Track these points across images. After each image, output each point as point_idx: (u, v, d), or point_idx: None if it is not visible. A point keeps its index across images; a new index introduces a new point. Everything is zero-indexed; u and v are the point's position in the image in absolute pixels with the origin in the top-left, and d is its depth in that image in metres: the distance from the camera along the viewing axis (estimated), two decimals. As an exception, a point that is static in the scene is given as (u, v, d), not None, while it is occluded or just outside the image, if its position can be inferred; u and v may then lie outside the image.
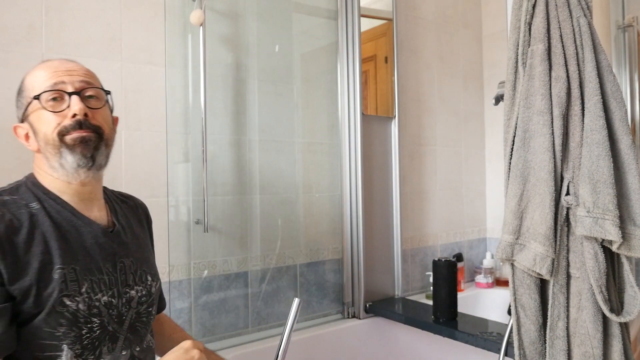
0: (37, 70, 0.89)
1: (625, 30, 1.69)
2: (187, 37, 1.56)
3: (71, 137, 0.85)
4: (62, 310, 0.80)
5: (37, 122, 0.86)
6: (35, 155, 0.89)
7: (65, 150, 0.85)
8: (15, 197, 0.84)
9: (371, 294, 1.88)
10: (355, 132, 1.86)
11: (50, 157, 0.86)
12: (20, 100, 0.89)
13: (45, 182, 0.88)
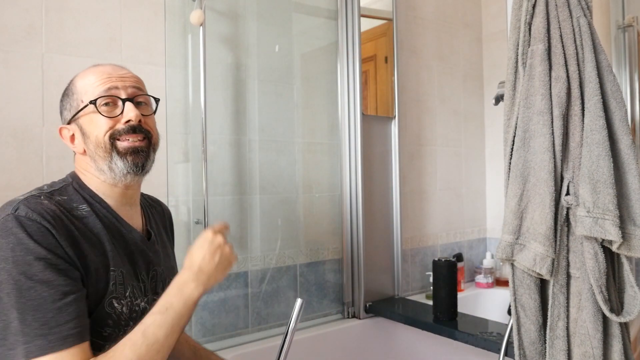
0: (89, 75, 0.89)
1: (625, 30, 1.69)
2: (187, 37, 1.56)
3: (123, 146, 0.86)
4: (111, 312, 0.81)
5: (89, 125, 0.87)
6: (79, 157, 0.90)
7: (115, 156, 0.86)
8: (65, 198, 0.84)
9: (371, 294, 1.88)
10: (355, 132, 1.86)
11: (100, 160, 0.87)
12: (70, 102, 0.89)
13: (91, 184, 0.89)
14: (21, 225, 0.74)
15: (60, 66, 1.34)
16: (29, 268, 0.72)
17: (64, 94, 0.91)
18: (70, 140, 0.90)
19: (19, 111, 1.29)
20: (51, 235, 0.75)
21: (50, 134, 1.32)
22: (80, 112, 0.87)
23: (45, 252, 0.73)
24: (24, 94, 1.29)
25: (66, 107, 0.90)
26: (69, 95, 0.89)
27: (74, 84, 0.90)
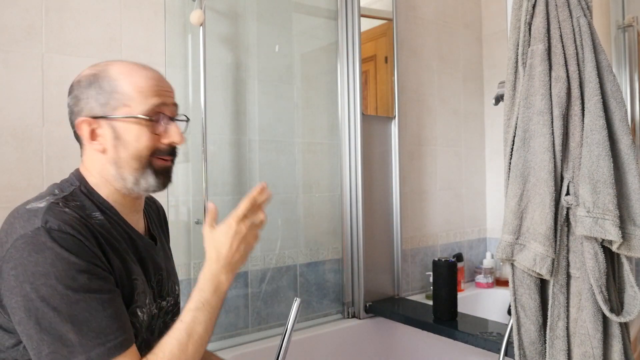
0: (136, 76, 0.83)
1: (625, 30, 1.69)
2: (187, 37, 1.56)
3: (159, 165, 0.85)
4: (134, 321, 0.81)
5: (129, 134, 0.82)
6: (96, 156, 0.84)
7: (149, 172, 0.84)
8: (78, 204, 0.80)
9: (371, 294, 1.88)
10: (355, 132, 1.86)
11: (129, 170, 0.83)
12: (104, 96, 0.81)
13: (101, 189, 0.85)
14: (55, 239, 0.72)
15: (60, 66, 1.34)
16: (74, 282, 0.71)
17: (93, 82, 0.82)
18: (90, 136, 0.82)
19: (19, 111, 1.29)
20: (85, 246, 0.74)
21: (50, 134, 1.32)
22: (118, 113, 0.81)
23: (85, 264, 0.73)
24: (24, 94, 1.29)
25: (96, 98, 0.81)
26: (103, 87, 0.82)
27: (115, 80, 0.82)
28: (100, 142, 0.83)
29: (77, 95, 0.83)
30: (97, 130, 0.82)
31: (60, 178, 1.32)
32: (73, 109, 0.84)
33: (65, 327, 0.70)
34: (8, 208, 1.25)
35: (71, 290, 0.71)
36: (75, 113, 0.83)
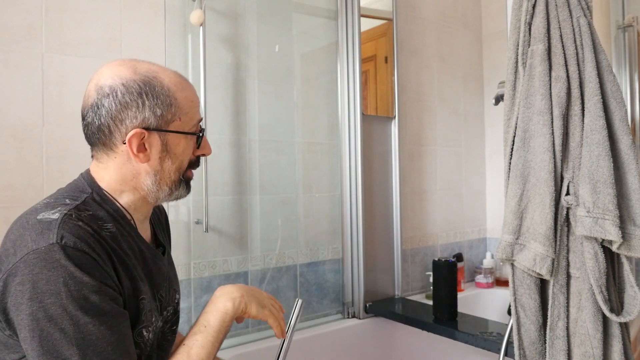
0: (187, 91, 0.82)
1: (625, 30, 1.69)
2: (187, 37, 1.56)
3: (188, 177, 0.86)
4: (139, 341, 0.79)
5: (177, 146, 0.81)
6: (132, 164, 0.80)
7: (182, 183, 0.85)
8: (90, 214, 0.76)
9: (371, 294, 1.88)
10: (355, 132, 1.86)
11: (167, 181, 0.82)
12: (164, 110, 0.79)
13: (121, 196, 0.82)
14: (70, 257, 0.69)
15: (60, 66, 1.34)
16: (85, 303, 0.69)
17: (146, 90, 0.77)
18: (140, 148, 0.78)
19: (19, 111, 1.29)
20: (99, 266, 0.72)
21: (50, 134, 1.32)
22: (172, 127, 0.80)
23: (98, 285, 0.70)
24: (24, 94, 1.29)
25: (152, 109, 0.78)
26: (160, 97, 0.78)
27: (170, 91, 0.80)
28: (147, 155, 0.79)
29: (125, 102, 0.77)
30: (146, 141, 0.79)
31: (60, 178, 1.32)
32: (115, 113, 0.77)
33: (70, 351, 0.67)
34: (8, 208, 1.26)
35: (81, 312, 0.68)
36: (118, 119, 0.77)
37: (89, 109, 0.78)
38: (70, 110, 1.36)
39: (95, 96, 0.78)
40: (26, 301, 0.67)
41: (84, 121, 0.80)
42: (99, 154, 0.81)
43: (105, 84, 0.77)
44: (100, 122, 0.78)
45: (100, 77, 0.79)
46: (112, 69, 0.79)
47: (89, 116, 0.79)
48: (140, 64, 0.80)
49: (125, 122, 0.77)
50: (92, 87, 0.79)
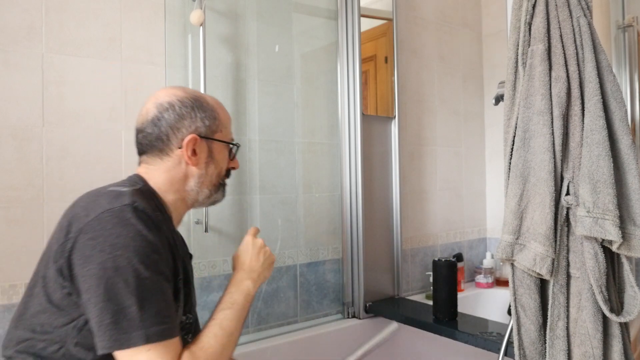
0: (224, 110, 1.00)
1: (625, 30, 1.69)
2: (187, 37, 1.56)
3: (224, 185, 1.03)
4: (181, 324, 0.89)
5: (219, 154, 0.98)
6: (182, 167, 0.94)
7: (221, 189, 1.01)
8: (145, 201, 0.85)
9: (371, 294, 1.88)
10: (355, 132, 1.86)
11: (208, 185, 0.97)
12: (209, 120, 0.95)
13: (166, 195, 0.93)
14: (139, 217, 0.79)
15: (60, 66, 1.34)
16: (147, 259, 0.77)
17: (197, 106, 0.94)
18: (192, 151, 0.93)
19: (19, 111, 1.29)
20: (160, 231, 0.82)
21: (50, 134, 1.32)
22: (217, 137, 0.97)
23: (160, 246, 0.80)
24: (24, 94, 1.29)
25: (202, 120, 0.94)
26: (207, 112, 0.95)
27: (214, 108, 0.97)
28: (196, 158, 0.94)
29: (182, 114, 0.93)
30: (197, 146, 0.94)
31: (60, 178, 1.32)
32: (175, 122, 0.92)
33: (130, 300, 0.74)
34: (8, 208, 1.26)
35: (144, 267, 0.76)
36: (175, 128, 0.92)
37: (149, 122, 0.93)
38: (70, 110, 1.36)
39: (155, 111, 0.93)
40: (97, 253, 0.75)
41: (142, 133, 0.94)
42: (151, 158, 0.94)
43: (164, 101, 0.93)
44: (159, 132, 0.92)
45: (157, 96, 0.95)
46: (166, 91, 0.96)
47: (148, 128, 0.93)
48: (187, 88, 0.99)
49: (181, 130, 0.93)
50: (151, 105, 0.94)
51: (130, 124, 1.44)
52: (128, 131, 1.44)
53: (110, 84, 1.42)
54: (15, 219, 1.27)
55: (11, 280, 1.26)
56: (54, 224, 1.31)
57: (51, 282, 0.79)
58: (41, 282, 0.80)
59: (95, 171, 1.38)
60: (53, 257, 0.79)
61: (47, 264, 0.81)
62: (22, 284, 1.27)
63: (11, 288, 1.26)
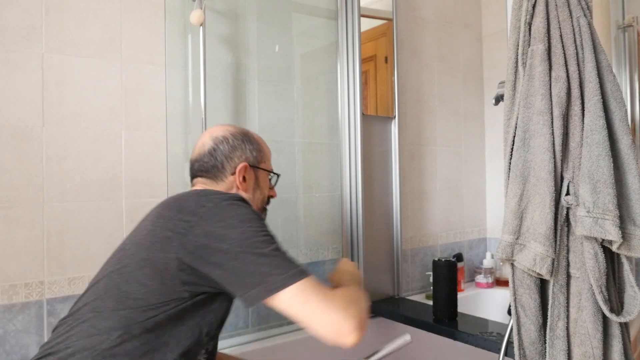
0: (266, 146, 1.18)
1: (625, 30, 1.69)
2: (187, 37, 1.56)
3: (266, 209, 1.18)
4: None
5: (263, 181, 1.14)
6: (233, 190, 1.09)
7: (264, 212, 1.16)
8: None
9: (371, 294, 1.88)
10: (355, 132, 1.86)
11: (255, 207, 1.10)
12: (255, 152, 1.13)
13: None
14: (248, 205, 0.96)
15: (60, 66, 1.34)
16: (267, 229, 0.93)
17: (246, 139, 1.13)
18: (242, 177, 1.09)
19: (19, 111, 1.29)
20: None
21: (50, 134, 1.32)
22: (262, 167, 1.14)
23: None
24: (24, 94, 1.29)
25: (251, 151, 1.12)
26: (254, 144, 1.14)
27: (259, 142, 1.15)
28: (246, 183, 1.10)
29: (234, 145, 1.11)
30: (246, 174, 1.10)
31: (60, 178, 1.32)
32: (229, 152, 1.10)
33: (275, 251, 0.89)
34: (8, 208, 1.26)
35: (268, 231, 0.92)
36: (229, 157, 1.09)
37: (206, 153, 1.10)
38: (70, 110, 1.36)
39: (212, 143, 1.10)
40: (231, 229, 0.88)
41: (198, 162, 1.10)
42: (207, 181, 1.10)
43: (219, 135, 1.11)
44: (216, 161, 1.09)
45: (212, 132, 1.13)
46: (220, 127, 1.14)
47: (205, 158, 1.09)
48: (235, 125, 1.18)
49: (234, 160, 1.10)
50: (207, 139, 1.12)
51: (131, 123, 1.44)
52: (128, 131, 1.44)
53: (110, 84, 1.42)
54: (15, 219, 1.27)
55: (11, 280, 1.26)
56: (54, 224, 1.31)
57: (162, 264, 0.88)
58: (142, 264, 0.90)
59: (95, 171, 1.38)
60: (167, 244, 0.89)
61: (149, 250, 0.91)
62: (22, 284, 1.27)
63: (11, 288, 1.26)
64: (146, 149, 1.47)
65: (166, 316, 0.87)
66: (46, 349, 0.89)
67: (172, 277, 0.87)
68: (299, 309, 0.87)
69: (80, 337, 0.86)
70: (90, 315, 0.88)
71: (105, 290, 0.91)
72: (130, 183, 1.44)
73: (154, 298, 0.87)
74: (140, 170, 1.45)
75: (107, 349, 0.84)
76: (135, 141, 1.45)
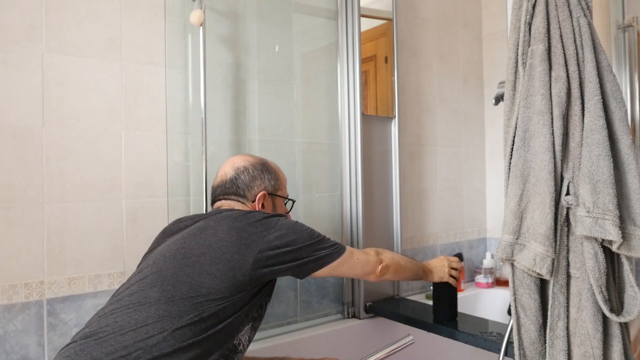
0: (282, 174, 1.33)
1: (625, 30, 1.69)
2: (187, 37, 1.56)
3: None
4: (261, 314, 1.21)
5: (279, 207, 1.31)
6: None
7: None
8: None
9: (371, 294, 1.88)
10: (355, 132, 1.86)
11: None
12: (272, 180, 1.28)
13: None
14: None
15: (60, 66, 1.34)
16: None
17: (265, 169, 1.28)
18: (262, 204, 1.25)
19: (19, 111, 1.29)
20: None
21: (50, 134, 1.32)
22: (280, 197, 1.31)
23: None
24: (24, 94, 1.29)
25: (269, 180, 1.27)
26: (272, 174, 1.28)
27: (276, 172, 1.30)
28: (263, 205, 1.26)
29: (254, 175, 1.25)
30: (265, 201, 1.26)
31: (60, 178, 1.32)
32: (249, 182, 1.25)
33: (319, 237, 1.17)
34: (8, 208, 1.26)
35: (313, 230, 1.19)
36: (250, 186, 1.25)
37: (228, 181, 1.25)
38: (70, 110, 1.36)
39: (233, 173, 1.25)
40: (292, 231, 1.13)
41: (221, 188, 1.26)
42: (233, 203, 1.25)
43: (240, 165, 1.26)
44: (237, 188, 1.24)
45: (234, 162, 1.28)
46: (240, 157, 1.29)
47: (227, 184, 1.25)
48: (254, 155, 1.33)
49: (254, 189, 1.25)
50: (229, 168, 1.26)
51: (131, 123, 1.44)
52: (128, 131, 1.44)
53: (110, 84, 1.42)
54: (15, 219, 1.27)
55: (11, 280, 1.26)
56: (54, 224, 1.32)
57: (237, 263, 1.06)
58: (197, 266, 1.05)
59: (95, 171, 1.39)
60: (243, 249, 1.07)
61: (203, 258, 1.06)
62: (22, 284, 1.27)
63: (11, 288, 1.26)
64: (146, 149, 1.47)
65: (230, 303, 1.03)
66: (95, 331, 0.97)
67: (243, 274, 1.05)
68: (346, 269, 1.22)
69: (149, 317, 0.97)
70: (158, 298, 1.00)
71: (175, 278, 1.03)
72: (130, 183, 1.44)
73: (225, 290, 1.03)
74: (140, 170, 1.45)
75: (177, 329, 0.96)
76: (135, 141, 1.45)
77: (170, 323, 0.96)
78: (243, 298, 1.06)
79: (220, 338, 1.02)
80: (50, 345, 1.31)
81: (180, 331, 0.96)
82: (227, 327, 1.03)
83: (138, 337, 0.94)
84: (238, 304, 1.05)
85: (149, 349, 0.93)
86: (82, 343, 0.95)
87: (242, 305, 1.06)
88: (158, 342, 0.94)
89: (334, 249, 1.17)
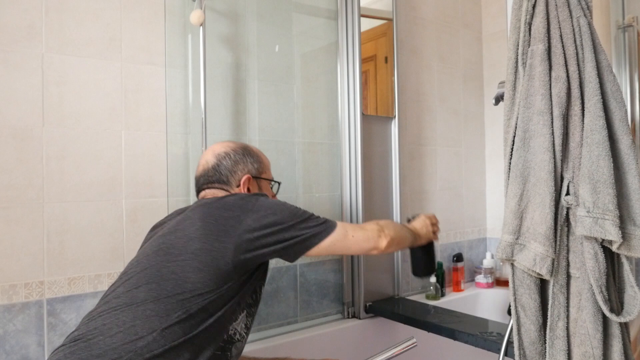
0: (265, 157, 1.28)
1: (625, 30, 1.69)
2: (187, 37, 1.56)
3: None
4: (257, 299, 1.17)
5: (265, 190, 1.26)
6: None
7: None
8: None
9: (371, 294, 1.88)
10: (355, 132, 1.86)
11: None
12: (255, 164, 1.23)
13: None
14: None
15: (60, 66, 1.34)
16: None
17: (247, 153, 1.23)
18: (247, 188, 1.21)
19: (19, 111, 1.29)
20: None
21: (50, 134, 1.32)
22: (265, 179, 1.26)
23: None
24: (24, 94, 1.29)
25: (252, 164, 1.23)
26: (254, 157, 1.24)
27: (259, 155, 1.26)
28: (249, 187, 1.21)
29: (236, 159, 1.21)
30: (250, 184, 1.21)
31: (60, 178, 1.32)
32: (232, 167, 1.20)
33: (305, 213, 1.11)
34: (8, 208, 1.26)
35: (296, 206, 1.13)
36: (233, 170, 1.20)
37: (210, 169, 1.21)
38: (70, 110, 1.36)
39: (215, 160, 1.21)
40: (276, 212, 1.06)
41: (204, 177, 1.21)
42: (217, 191, 1.20)
43: (221, 151, 1.22)
44: (220, 175, 1.20)
45: (214, 149, 1.23)
46: (221, 144, 1.25)
47: (210, 172, 1.20)
48: (234, 141, 1.29)
49: (238, 173, 1.20)
50: (210, 156, 1.22)
51: (131, 123, 1.44)
52: (128, 131, 1.44)
53: (110, 84, 1.42)
54: (15, 219, 1.27)
55: (11, 280, 1.26)
56: (54, 224, 1.31)
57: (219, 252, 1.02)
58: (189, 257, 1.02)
59: (95, 171, 1.39)
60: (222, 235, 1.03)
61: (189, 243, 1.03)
62: (22, 284, 1.27)
63: (11, 288, 1.26)
64: (146, 149, 1.47)
65: (218, 296, 1.00)
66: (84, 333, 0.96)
67: (226, 263, 1.01)
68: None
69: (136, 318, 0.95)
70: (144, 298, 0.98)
71: (159, 276, 1.00)
72: (130, 183, 1.44)
73: (211, 283, 1.00)
74: (140, 170, 1.45)
75: (166, 328, 0.94)
76: (135, 141, 1.45)
77: (158, 322, 0.94)
78: (232, 287, 1.03)
79: (212, 332, 1.00)
80: (50, 345, 1.31)
81: (170, 330, 0.94)
82: (219, 319, 1.01)
83: (127, 338, 0.92)
84: (227, 294, 1.02)
85: (139, 350, 0.91)
86: (71, 346, 0.94)
87: (232, 295, 1.03)
88: (148, 343, 0.92)
89: (321, 227, 1.09)
